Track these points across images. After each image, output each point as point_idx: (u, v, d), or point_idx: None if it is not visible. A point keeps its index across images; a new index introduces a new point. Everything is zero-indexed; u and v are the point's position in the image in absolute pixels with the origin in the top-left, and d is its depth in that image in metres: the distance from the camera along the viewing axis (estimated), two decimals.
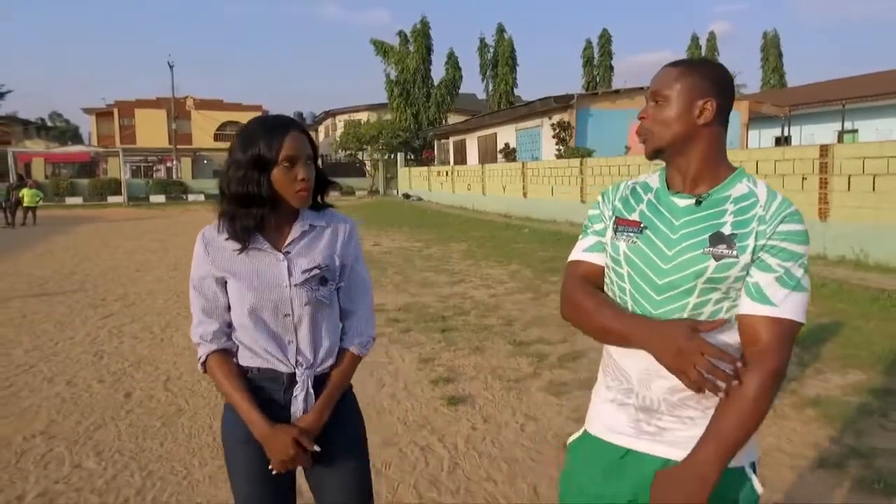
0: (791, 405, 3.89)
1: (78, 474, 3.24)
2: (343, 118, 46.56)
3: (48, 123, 72.98)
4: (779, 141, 23.50)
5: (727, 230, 1.28)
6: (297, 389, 1.64)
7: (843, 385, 4.24)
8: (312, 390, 1.65)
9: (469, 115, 33.92)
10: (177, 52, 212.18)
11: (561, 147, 19.69)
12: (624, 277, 1.38)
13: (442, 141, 34.86)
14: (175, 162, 42.31)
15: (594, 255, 1.47)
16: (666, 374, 1.30)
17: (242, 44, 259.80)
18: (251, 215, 1.59)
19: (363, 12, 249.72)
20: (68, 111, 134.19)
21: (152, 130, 46.91)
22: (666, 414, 1.34)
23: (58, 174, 40.30)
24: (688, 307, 1.30)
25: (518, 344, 5.47)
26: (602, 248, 1.46)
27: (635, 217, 1.40)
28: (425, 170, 31.96)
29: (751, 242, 1.26)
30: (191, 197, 36.78)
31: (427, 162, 34.84)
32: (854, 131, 21.92)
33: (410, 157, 38.40)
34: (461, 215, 20.82)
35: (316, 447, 1.63)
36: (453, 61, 38.49)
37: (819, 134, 22.19)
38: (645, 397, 1.35)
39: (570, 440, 1.57)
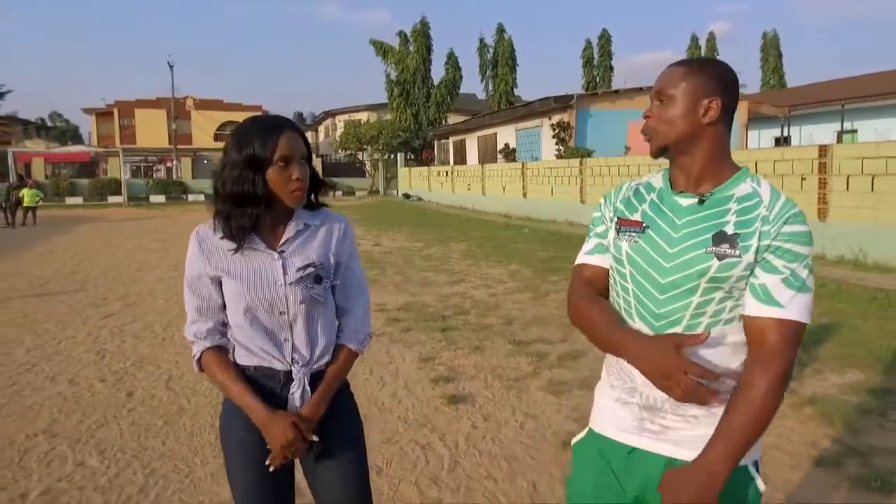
0: (789, 404, 3.91)
1: (81, 472, 3.26)
2: (343, 118, 46.57)
3: (48, 123, 72.96)
4: (778, 141, 23.52)
5: (730, 230, 1.28)
6: (294, 387, 1.65)
7: (841, 384, 4.27)
8: (309, 388, 1.67)
9: (469, 116, 33.94)
10: (177, 52, 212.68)
11: (561, 147, 19.72)
12: (627, 277, 1.39)
13: (442, 141, 34.89)
14: (175, 162, 42.31)
15: (596, 258, 1.49)
16: None
17: (242, 44, 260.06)
18: (246, 215, 1.59)
19: (363, 12, 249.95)
20: (68, 111, 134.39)
21: (152, 130, 46.92)
22: (670, 413, 1.35)
23: (58, 174, 40.29)
24: (691, 306, 1.30)
25: (518, 343, 5.49)
26: (604, 251, 1.48)
27: (637, 217, 1.40)
28: (425, 170, 31.99)
29: (754, 242, 1.26)
30: (191, 197, 36.78)
31: (427, 162, 34.86)
32: (853, 131, 21.95)
33: (410, 158, 38.42)
34: (461, 215, 20.84)
35: (314, 437, 1.65)
36: (453, 61, 38.54)
37: (818, 134, 22.22)
38: (649, 396, 1.36)
39: (575, 440, 1.57)
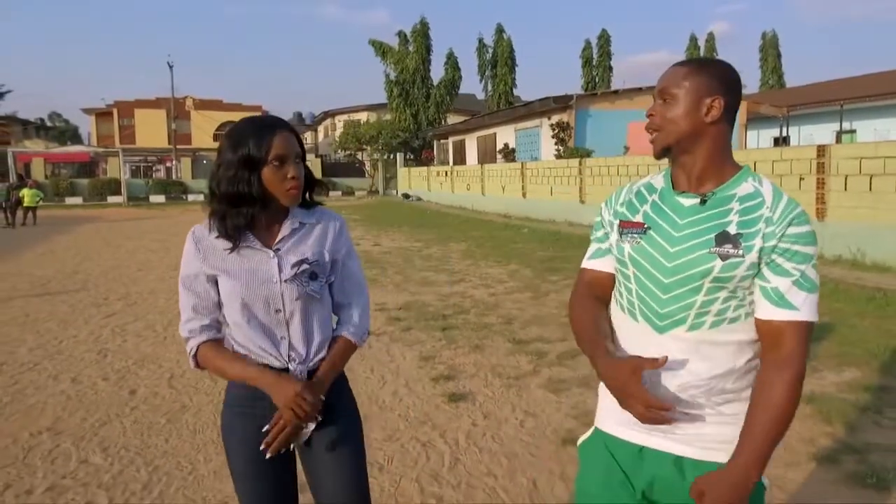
0: None
1: (85, 469, 3.29)
2: (342, 118, 46.57)
3: (48, 123, 73.00)
4: (777, 141, 23.55)
5: (733, 229, 1.30)
6: None
7: (839, 382, 4.30)
8: None
9: (468, 116, 33.96)
10: (176, 53, 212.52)
11: (560, 147, 19.75)
12: (630, 278, 1.41)
13: (441, 141, 34.91)
14: (174, 162, 42.30)
15: (596, 262, 1.53)
16: (677, 373, 1.33)
17: (242, 44, 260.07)
18: (241, 214, 1.61)
19: (363, 12, 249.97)
20: (68, 111, 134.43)
21: (152, 130, 46.92)
22: (676, 411, 1.36)
23: (57, 174, 40.27)
24: (695, 305, 1.32)
25: (517, 342, 5.52)
26: (602, 255, 1.51)
27: (639, 218, 1.41)
28: (425, 170, 32.01)
29: (757, 242, 1.28)
30: (190, 197, 36.80)
31: (426, 162, 34.88)
32: (852, 131, 21.99)
33: (410, 158, 38.44)
34: (460, 215, 20.87)
35: (318, 416, 1.65)
36: (453, 62, 38.56)
37: (817, 134, 22.25)
38: (656, 395, 1.36)
39: (581, 440, 1.57)
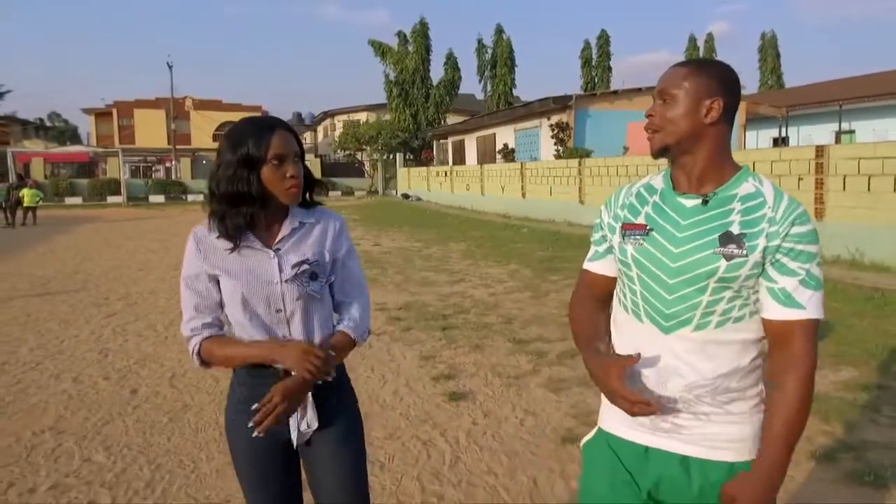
0: None
1: (88, 468, 3.31)
2: (342, 118, 46.58)
3: (47, 123, 72.97)
4: (776, 141, 23.57)
5: (736, 229, 1.31)
6: None
7: (836, 381, 4.33)
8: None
9: (468, 116, 33.98)
10: (176, 53, 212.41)
11: (559, 147, 19.77)
12: (634, 280, 1.41)
13: (441, 141, 34.92)
14: (174, 162, 42.32)
15: (594, 265, 1.56)
16: (682, 373, 1.35)
17: (242, 44, 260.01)
18: (241, 214, 1.61)
19: (362, 12, 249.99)
20: (67, 111, 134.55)
21: (151, 130, 46.92)
22: (682, 411, 1.37)
23: (57, 174, 40.26)
24: (700, 305, 1.33)
25: (517, 342, 5.55)
26: (601, 257, 1.54)
27: (641, 220, 1.42)
28: (424, 170, 32.03)
29: (761, 242, 1.29)
30: (190, 197, 36.81)
31: (426, 162, 34.89)
32: (851, 132, 22.01)
33: (409, 158, 38.46)
34: (460, 215, 20.89)
35: (331, 373, 1.64)
36: (452, 62, 38.56)
37: (816, 134, 22.28)
38: (662, 396, 1.38)
39: (584, 441, 1.58)
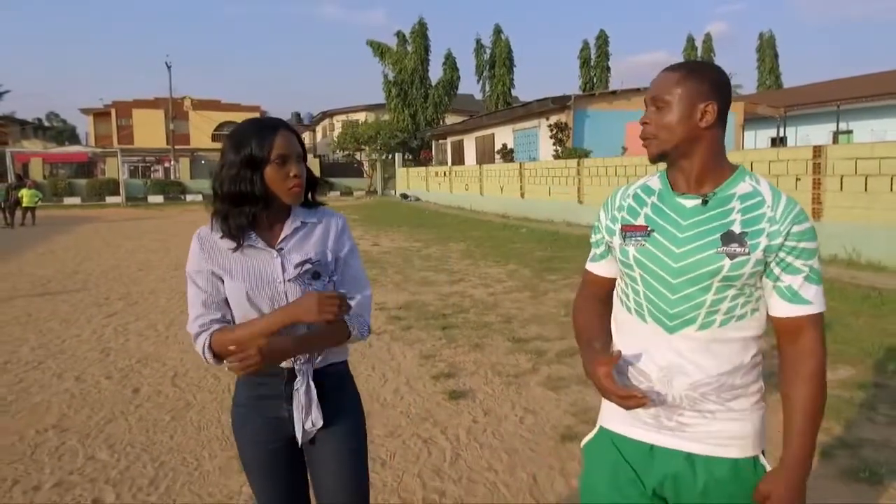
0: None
1: (92, 466, 3.34)
2: (341, 118, 46.60)
3: (45, 123, 72.94)
4: (774, 142, 23.64)
5: (737, 228, 1.33)
6: (298, 383, 1.68)
7: (833, 380, 4.36)
8: (313, 383, 1.70)
9: (467, 116, 33.99)
10: (175, 53, 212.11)
11: (558, 148, 19.80)
12: (637, 280, 1.43)
13: (440, 141, 34.95)
14: (173, 162, 42.31)
15: (594, 266, 1.60)
16: (687, 371, 1.36)
17: (240, 44, 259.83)
18: (244, 213, 1.63)
19: (361, 13, 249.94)
20: (66, 111, 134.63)
21: (150, 131, 46.95)
22: (687, 409, 1.38)
23: (55, 174, 40.24)
24: (705, 304, 1.35)
25: (517, 341, 5.58)
26: (599, 259, 1.57)
27: (641, 221, 1.43)
28: (423, 170, 32.05)
29: (763, 241, 1.32)
30: (189, 197, 36.81)
31: (425, 162, 34.92)
32: (849, 132, 22.07)
33: (408, 158, 38.48)
34: (459, 215, 20.92)
35: (349, 306, 1.65)
36: (451, 62, 38.59)
37: (814, 135, 22.34)
38: (667, 394, 1.39)
39: (585, 441, 1.58)
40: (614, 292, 1.55)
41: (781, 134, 23.24)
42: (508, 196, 20.86)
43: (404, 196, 32.19)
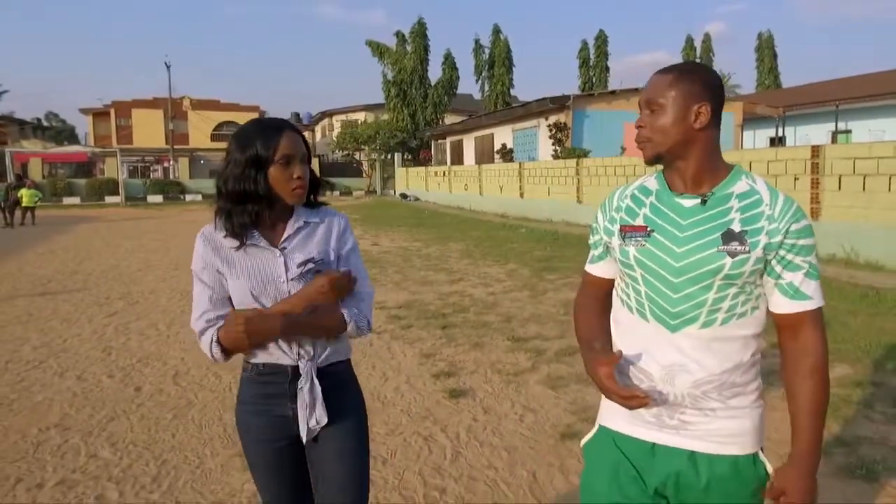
0: (780, 396, 4.03)
1: (94, 464, 3.37)
2: (340, 118, 46.63)
3: (44, 123, 72.88)
4: (773, 141, 23.68)
5: (737, 227, 1.34)
6: (302, 381, 1.70)
7: (831, 378, 4.35)
8: (317, 381, 1.71)
9: (466, 116, 34.01)
10: (174, 53, 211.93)
11: (557, 147, 19.84)
12: (638, 280, 1.44)
13: (439, 141, 34.97)
14: (172, 162, 42.32)
15: (594, 267, 1.62)
16: (690, 370, 1.37)
17: (240, 44, 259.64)
18: (247, 212, 1.65)
19: (360, 12, 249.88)
20: (65, 111, 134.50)
21: (149, 130, 46.94)
22: (690, 407, 1.39)
23: (55, 174, 40.21)
24: (707, 303, 1.36)
25: (516, 340, 5.61)
26: (598, 260, 1.59)
27: (640, 222, 1.44)
28: (422, 170, 32.07)
29: (762, 239, 1.33)
30: (188, 197, 36.83)
31: (424, 162, 34.94)
32: (848, 132, 22.11)
33: (408, 158, 38.50)
34: (458, 215, 20.95)
35: (354, 280, 1.73)
36: (450, 62, 38.62)
37: (813, 134, 22.38)
38: (669, 393, 1.39)
39: (585, 440, 1.58)
40: (614, 292, 1.56)
41: (780, 134, 23.28)
42: (507, 196, 20.89)
43: (403, 196, 32.21)
